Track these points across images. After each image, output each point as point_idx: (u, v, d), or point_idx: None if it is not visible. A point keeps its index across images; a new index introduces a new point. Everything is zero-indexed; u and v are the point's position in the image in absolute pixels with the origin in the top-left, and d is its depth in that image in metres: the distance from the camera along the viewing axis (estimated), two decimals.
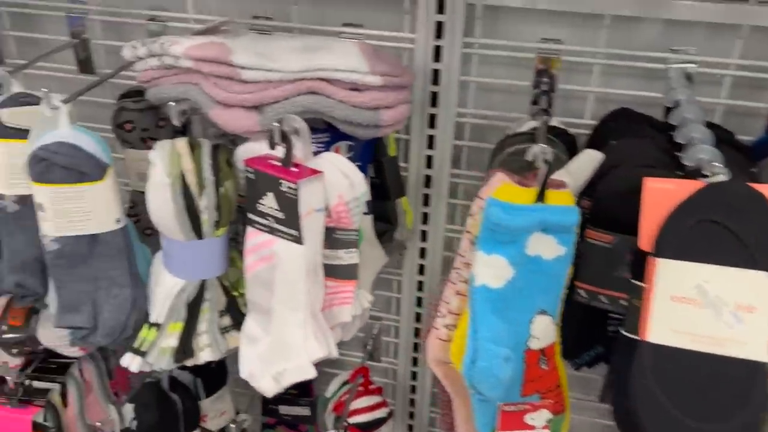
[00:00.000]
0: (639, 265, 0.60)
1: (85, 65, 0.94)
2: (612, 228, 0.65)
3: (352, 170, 0.68)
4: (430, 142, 0.86)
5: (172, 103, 0.68)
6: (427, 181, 0.89)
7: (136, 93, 0.83)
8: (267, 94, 0.68)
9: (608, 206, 0.64)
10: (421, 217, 0.91)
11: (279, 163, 0.66)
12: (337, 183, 0.67)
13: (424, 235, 0.92)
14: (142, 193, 0.86)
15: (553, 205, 0.59)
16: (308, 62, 0.68)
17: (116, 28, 0.93)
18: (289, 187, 0.63)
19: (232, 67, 0.67)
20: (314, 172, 0.65)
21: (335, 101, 0.68)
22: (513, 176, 0.64)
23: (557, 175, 0.63)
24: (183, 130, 0.72)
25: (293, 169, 0.65)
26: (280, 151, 0.66)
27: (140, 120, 0.83)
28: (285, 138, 0.65)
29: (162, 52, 0.70)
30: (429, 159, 0.87)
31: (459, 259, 0.68)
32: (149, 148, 0.84)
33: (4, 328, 0.91)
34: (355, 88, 0.69)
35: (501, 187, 0.61)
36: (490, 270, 0.59)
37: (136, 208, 0.87)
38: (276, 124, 0.65)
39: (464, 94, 0.84)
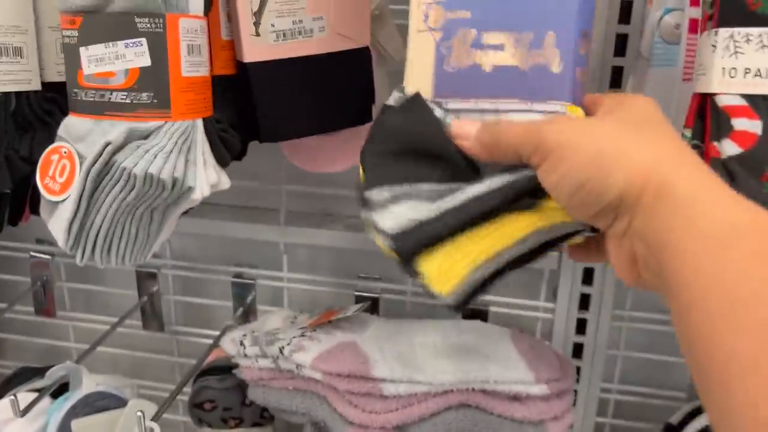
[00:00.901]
0: None
1: (153, 322, 0.82)
2: None
3: None
4: None
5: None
6: None
7: (219, 369, 0.71)
8: (412, 412, 0.56)
9: None
10: None
11: None
12: None
13: None
14: None
15: None
16: (464, 374, 0.56)
17: (185, 278, 0.82)
18: None
19: (373, 382, 0.55)
20: None
21: (494, 417, 0.56)
22: None
23: None
24: None
25: None
26: None
27: (224, 399, 0.70)
28: None
29: (281, 356, 0.58)
30: None
31: None
32: (230, 427, 0.72)
33: None
34: (516, 398, 0.57)
35: None
36: None
37: None
38: None
39: (609, 366, 0.72)
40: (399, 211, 0.38)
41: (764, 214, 0.28)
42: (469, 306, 0.38)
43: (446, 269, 0.37)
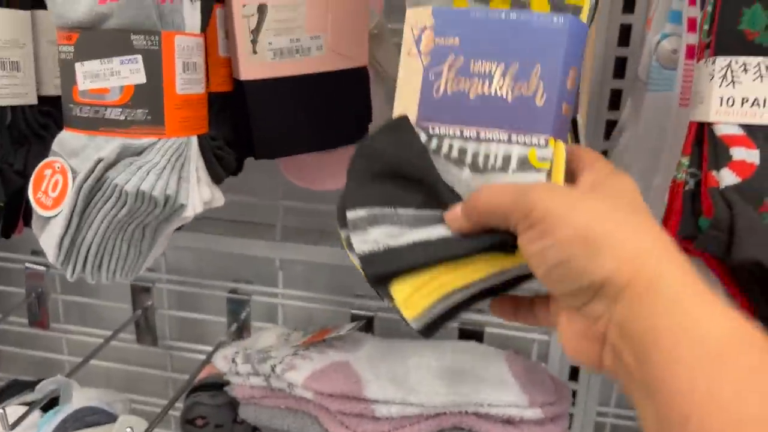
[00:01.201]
0: None
1: (147, 336, 0.81)
2: None
3: None
4: None
5: None
6: None
7: (212, 385, 0.71)
8: None
9: None
10: None
11: None
12: None
13: None
14: None
15: None
16: (457, 396, 0.55)
17: (180, 293, 0.81)
18: None
19: (365, 403, 0.55)
20: None
21: None
22: None
23: None
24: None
25: None
26: None
27: (215, 416, 0.69)
28: None
29: (272, 374, 0.58)
30: None
31: None
32: None
33: None
34: (510, 421, 0.56)
35: None
36: None
37: None
38: None
39: (606, 389, 0.71)
40: (375, 234, 0.37)
41: (747, 322, 0.28)
42: (438, 329, 0.38)
43: (414, 296, 0.37)
